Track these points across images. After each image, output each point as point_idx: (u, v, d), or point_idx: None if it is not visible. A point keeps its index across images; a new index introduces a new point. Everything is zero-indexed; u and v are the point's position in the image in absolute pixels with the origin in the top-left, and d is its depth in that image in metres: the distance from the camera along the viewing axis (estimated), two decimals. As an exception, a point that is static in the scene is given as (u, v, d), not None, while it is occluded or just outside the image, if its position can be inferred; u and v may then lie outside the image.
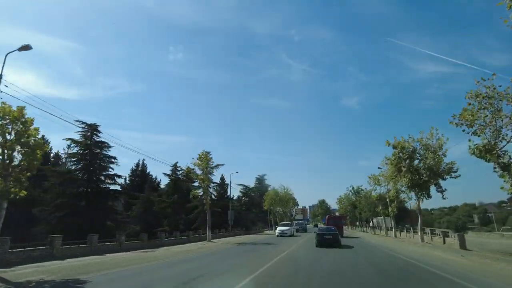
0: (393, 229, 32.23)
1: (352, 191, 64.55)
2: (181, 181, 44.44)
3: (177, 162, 45.56)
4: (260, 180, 79.02)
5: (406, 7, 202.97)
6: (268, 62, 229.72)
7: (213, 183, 58.41)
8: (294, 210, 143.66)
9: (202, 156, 27.94)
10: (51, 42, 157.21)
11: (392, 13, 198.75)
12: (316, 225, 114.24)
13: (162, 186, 55.29)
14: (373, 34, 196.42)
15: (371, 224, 66.33)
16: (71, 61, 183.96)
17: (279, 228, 37.61)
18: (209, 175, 55.30)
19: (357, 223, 79.84)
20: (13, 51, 12.60)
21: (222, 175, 60.97)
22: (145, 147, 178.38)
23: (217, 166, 59.24)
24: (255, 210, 72.15)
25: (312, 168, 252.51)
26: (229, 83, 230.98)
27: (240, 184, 74.19)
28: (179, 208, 43.92)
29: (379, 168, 39.72)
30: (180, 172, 44.19)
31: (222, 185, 59.68)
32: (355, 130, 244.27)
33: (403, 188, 28.59)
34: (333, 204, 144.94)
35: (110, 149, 28.29)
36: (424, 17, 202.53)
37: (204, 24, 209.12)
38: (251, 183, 77.53)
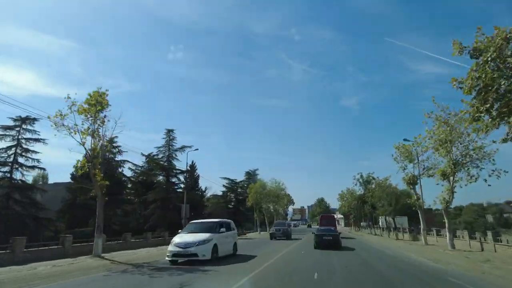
0: (448, 234, 17.99)
1: (361, 180, 50.51)
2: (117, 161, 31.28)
3: (116, 137, 32.21)
4: (250, 175, 66.08)
5: (406, 7, 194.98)
6: (268, 62, 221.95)
7: (177, 169, 45.40)
8: (292, 209, 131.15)
9: (93, 98, 14.67)
10: (51, 41, 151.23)
11: (392, 13, 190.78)
12: (309, 226, 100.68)
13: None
14: (373, 34, 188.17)
15: (380, 223, 52.76)
16: (71, 60, 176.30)
17: (176, 240, 12.71)
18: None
19: (361, 223, 66.39)
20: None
21: (193, 162, 47.65)
22: (144, 147, 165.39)
23: (183, 148, 46.00)
24: (242, 208, 59.56)
25: (311, 168, 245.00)
26: (229, 83, 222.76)
27: (225, 178, 61.82)
28: (115, 200, 30.85)
29: (405, 139, 26.90)
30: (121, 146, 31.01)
31: (192, 174, 46.49)
32: (355, 130, 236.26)
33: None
34: (333, 203, 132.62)
35: None
36: (424, 17, 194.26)
37: (204, 24, 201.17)
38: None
